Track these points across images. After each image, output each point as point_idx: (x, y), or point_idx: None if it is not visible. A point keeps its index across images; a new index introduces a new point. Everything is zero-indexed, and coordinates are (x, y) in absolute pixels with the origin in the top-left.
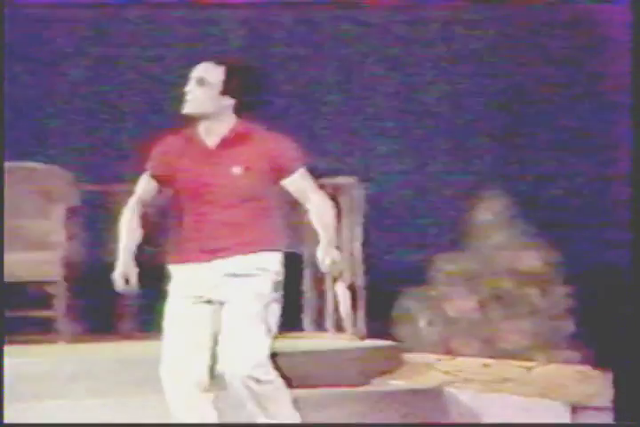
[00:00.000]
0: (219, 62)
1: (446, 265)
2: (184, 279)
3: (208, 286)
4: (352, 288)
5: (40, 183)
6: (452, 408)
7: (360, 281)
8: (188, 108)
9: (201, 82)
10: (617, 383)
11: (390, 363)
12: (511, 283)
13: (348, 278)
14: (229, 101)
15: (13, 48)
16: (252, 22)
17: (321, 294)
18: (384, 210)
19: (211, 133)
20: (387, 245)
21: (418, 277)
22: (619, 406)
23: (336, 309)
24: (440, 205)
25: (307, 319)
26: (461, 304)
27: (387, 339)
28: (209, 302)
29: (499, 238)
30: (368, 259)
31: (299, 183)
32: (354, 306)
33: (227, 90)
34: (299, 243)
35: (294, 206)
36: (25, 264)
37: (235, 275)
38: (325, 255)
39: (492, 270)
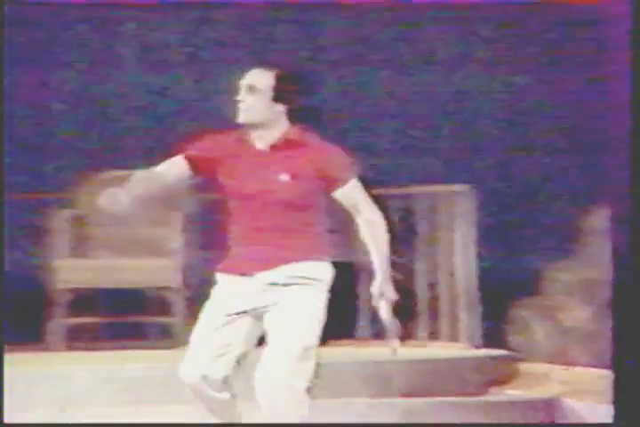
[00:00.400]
0: (268, 68)
1: (562, 274)
2: (226, 289)
3: (249, 297)
4: (466, 297)
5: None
6: (569, 419)
7: (474, 290)
8: (242, 118)
9: (251, 89)
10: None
11: (506, 373)
12: None
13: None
14: (281, 107)
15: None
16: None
17: (434, 303)
18: (498, 218)
19: (262, 139)
20: (501, 253)
21: (533, 286)
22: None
23: (449, 317)
24: (556, 213)
25: (421, 328)
26: (577, 314)
27: (502, 348)
28: (247, 314)
29: None
30: (482, 268)
31: (349, 195)
32: (469, 315)
33: (278, 96)
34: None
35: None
36: (143, 271)
37: (279, 284)
38: (380, 295)
39: (608, 279)
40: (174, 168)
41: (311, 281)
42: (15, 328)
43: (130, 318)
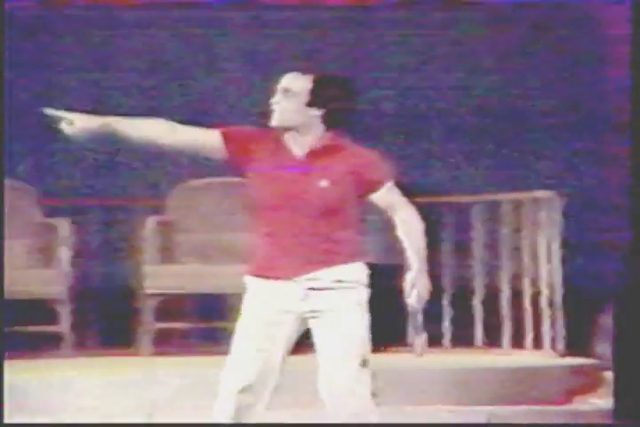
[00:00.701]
0: (305, 72)
1: None
2: (263, 294)
3: (291, 301)
4: (551, 304)
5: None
6: None
7: (559, 297)
8: (275, 121)
9: (287, 92)
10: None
11: (591, 381)
12: None
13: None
14: (317, 112)
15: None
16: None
17: (519, 311)
18: (582, 224)
19: (298, 144)
20: (585, 259)
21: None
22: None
23: (534, 325)
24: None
25: (505, 336)
26: None
27: (587, 357)
28: (288, 318)
29: None
30: (566, 274)
31: (386, 198)
32: (553, 323)
33: (314, 100)
34: None
35: None
36: (230, 276)
37: (322, 289)
38: (413, 288)
39: None
40: (207, 135)
41: (354, 284)
42: (106, 333)
43: (217, 324)
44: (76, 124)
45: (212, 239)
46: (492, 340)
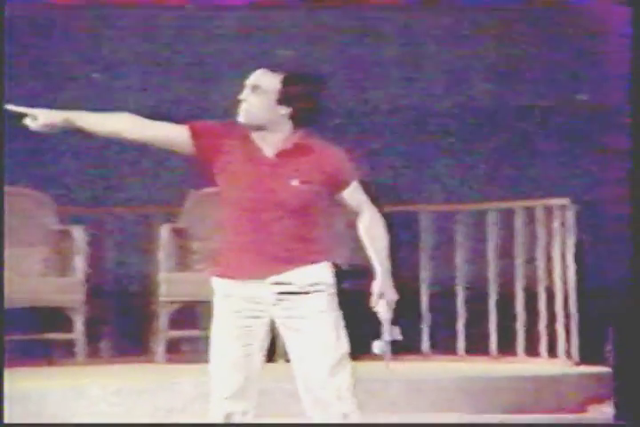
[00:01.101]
0: (274, 69)
1: None
2: (234, 297)
3: (264, 304)
4: (565, 313)
5: None
6: None
7: (573, 306)
8: (243, 118)
9: (256, 89)
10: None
11: (605, 390)
12: None
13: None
14: (286, 110)
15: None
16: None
17: (533, 319)
18: (597, 231)
19: (267, 142)
20: (601, 268)
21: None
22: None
23: (548, 333)
24: None
25: (519, 343)
26: None
27: (602, 365)
28: (262, 320)
29: None
30: (581, 282)
31: (353, 196)
32: (567, 331)
33: (283, 98)
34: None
35: None
36: None
37: (295, 293)
38: (380, 295)
39: None
40: (175, 130)
41: (325, 287)
42: (120, 341)
43: None
44: (39, 119)
45: None
46: (507, 348)
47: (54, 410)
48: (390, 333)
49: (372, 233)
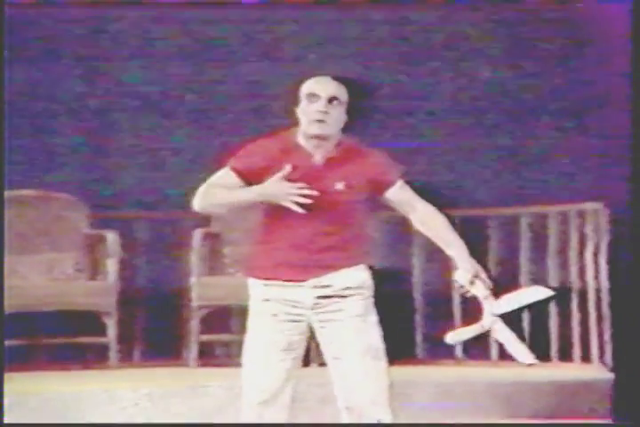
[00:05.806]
0: (340, 79)
1: None
2: (273, 300)
3: (300, 309)
4: (599, 316)
5: None
6: None
7: (607, 311)
8: (323, 130)
9: (335, 101)
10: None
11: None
12: None
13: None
14: (346, 119)
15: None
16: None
17: (566, 323)
18: (631, 236)
19: (319, 149)
20: (633, 272)
21: None
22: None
23: (582, 338)
24: None
25: (553, 349)
26: None
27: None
28: (297, 321)
29: None
30: (615, 287)
31: (400, 194)
32: (601, 336)
33: (349, 108)
34: None
35: None
36: None
37: (332, 295)
38: (475, 275)
39: None
40: (228, 181)
41: (364, 290)
42: (153, 344)
43: None
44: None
45: None
46: (540, 353)
47: (87, 414)
48: (497, 307)
49: (434, 223)
